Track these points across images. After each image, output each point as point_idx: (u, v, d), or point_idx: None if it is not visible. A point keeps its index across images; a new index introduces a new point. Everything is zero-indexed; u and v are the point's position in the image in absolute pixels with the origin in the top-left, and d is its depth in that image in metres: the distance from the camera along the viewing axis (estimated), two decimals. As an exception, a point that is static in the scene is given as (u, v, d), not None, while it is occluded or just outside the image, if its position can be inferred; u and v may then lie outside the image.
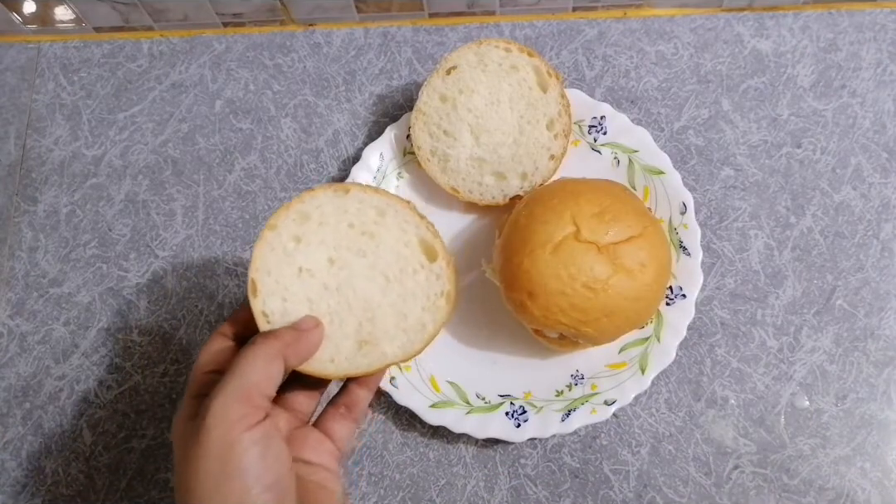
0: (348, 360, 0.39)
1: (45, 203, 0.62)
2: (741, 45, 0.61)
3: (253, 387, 0.33)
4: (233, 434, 0.32)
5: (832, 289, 0.54)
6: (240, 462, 0.31)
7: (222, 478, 0.31)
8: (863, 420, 0.51)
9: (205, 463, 0.32)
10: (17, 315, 0.59)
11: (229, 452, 0.32)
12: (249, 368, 0.34)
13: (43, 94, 0.65)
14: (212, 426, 0.32)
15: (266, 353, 0.34)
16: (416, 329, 0.39)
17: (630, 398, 0.49)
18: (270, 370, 0.34)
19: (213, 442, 0.32)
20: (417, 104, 0.55)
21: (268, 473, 0.32)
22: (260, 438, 0.32)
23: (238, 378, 0.33)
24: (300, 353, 0.36)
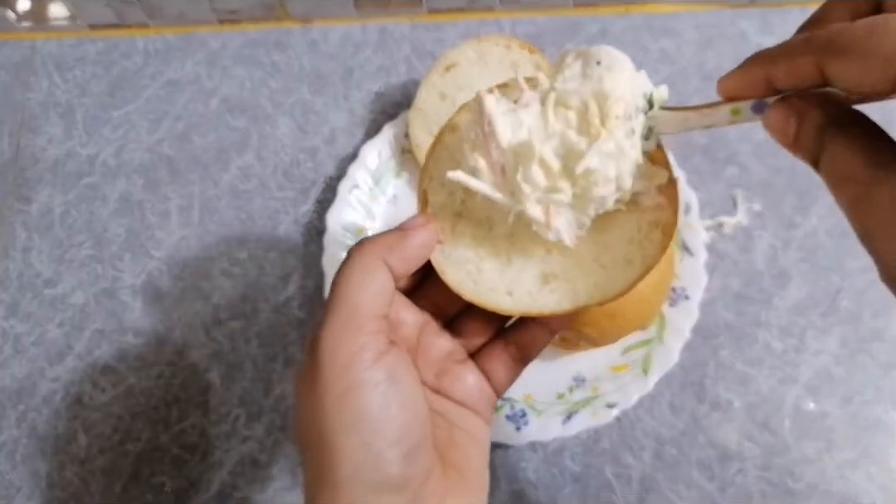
0: (530, 294, 0.31)
1: (39, 203, 0.61)
2: (745, 42, 0.60)
3: (360, 309, 0.27)
4: (350, 376, 0.26)
5: (838, 290, 0.53)
6: (357, 411, 0.26)
7: (340, 431, 0.26)
8: (869, 423, 0.50)
9: (319, 414, 0.26)
10: (11, 316, 0.58)
11: (345, 398, 0.26)
12: (349, 286, 0.27)
13: (37, 92, 0.65)
14: (324, 366, 0.26)
15: (363, 263, 0.28)
16: (619, 265, 0.31)
17: (632, 401, 0.49)
18: (373, 282, 0.28)
19: (327, 386, 0.26)
20: (416, 102, 0.54)
21: (393, 424, 0.26)
22: (384, 379, 0.26)
23: (340, 302, 0.27)
24: (407, 256, 0.29)
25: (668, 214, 0.30)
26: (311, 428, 0.26)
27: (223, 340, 0.56)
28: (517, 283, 0.31)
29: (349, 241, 0.55)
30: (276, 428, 0.53)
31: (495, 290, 0.31)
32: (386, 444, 0.26)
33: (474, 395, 0.32)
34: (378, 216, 0.56)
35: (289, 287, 0.57)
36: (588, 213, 0.30)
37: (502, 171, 0.29)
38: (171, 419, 0.54)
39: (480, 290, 0.31)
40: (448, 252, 0.31)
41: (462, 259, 0.31)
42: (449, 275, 0.31)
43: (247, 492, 0.52)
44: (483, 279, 0.31)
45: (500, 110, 0.29)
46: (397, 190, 0.57)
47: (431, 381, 0.32)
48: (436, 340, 0.33)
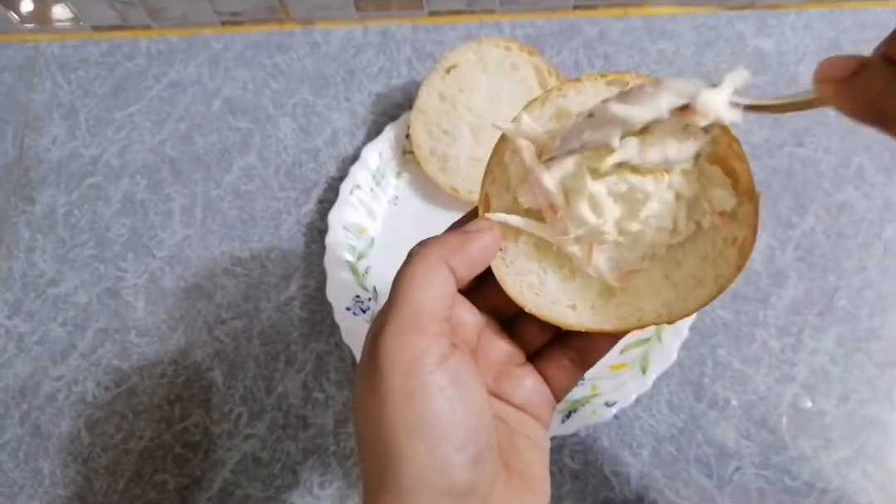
0: (595, 310, 0.30)
1: (43, 203, 0.61)
2: (743, 44, 0.61)
3: (423, 312, 0.26)
4: (414, 380, 0.25)
5: (834, 289, 0.54)
6: (422, 415, 0.25)
7: (404, 436, 0.25)
8: (865, 421, 0.51)
9: (382, 419, 0.25)
10: (15, 315, 0.58)
11: (409, 402, 0.25)
12: (411, 288, 0.27)
13: (40, 93, 0.65)
14: (386, 370, 0.25)
15: (425, 265, 0.27)
16: (690, 284, 0.29)
17: (631, 399, 0.49)
18: (436, 285, 0.27)
19: (389, 391, 0.25)
20: (417, 103, 0.55)
21: (459, 429, 0.25)
22: (448, 383, 0.25)
23: (402, 303, 0.26)
24: (470, 259, 0.28)
25: (745, 232, 0.28)
26: (373, 432, 0.26)
27: (225, 339, 0.56)
28: (581, 297, 0.30)
29: (350, 240, 0.55)
30: (277, 426, 0.53)
31: (557, 304, 0.30)
32: (452, 450, 0.25)
33: (534, 400, 0.31)
34: (379, 217, 0.57)
35: (291, 286, 0.57)
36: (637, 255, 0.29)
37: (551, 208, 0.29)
38: (174, 418, 0.54)
39: (542, 302, 0.30)
40: (510, 260, 0.30)
41: (524, 269, 0.30)
42: (510, 285, 0.30)
43: (249, 490, 0.52)
44: (545, 291, 0.30)
45: None
46: (398, 191, 0.57)
47: (490, 385, 0.31)
48: (495, 343, 0.32)
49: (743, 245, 0.28)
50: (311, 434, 0.53)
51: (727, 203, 0.28)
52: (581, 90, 0.30)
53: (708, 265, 0.29)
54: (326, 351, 0.55)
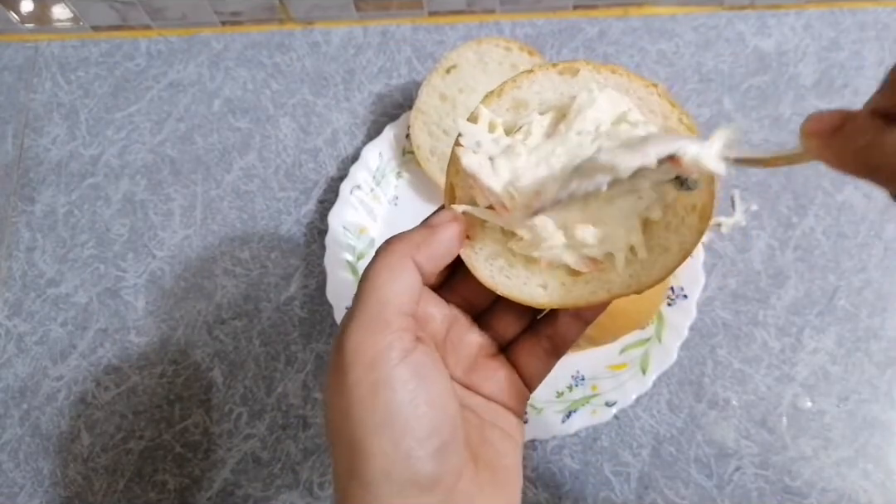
0: (564, 286, 0.30)
1: (43, 203, 0.61)
2: (743, 44, 0.61)
3: (386, 307, 0.27)
4: (377, 374, 0.26)
5: (834, 289, 0.54)
6: (385, 409, 0.25)
7: (369, 429, 0.25)
8: (865, 421, 0.51)
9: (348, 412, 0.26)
10: (15, 315, 0.58)
11: (373, 396, 0.25)
12: (376, 284, 0.27)
13: (40, 93, 0.65)
14: (350, 364, 0.26)
15: (390, 261, 0.28)
16: (656, 252, 0.29)
17: (631, 399, 0.49)
18: (400, 280, 0.27)
19: (354, 384, 0.26)
20: (417, 103, 0.55)
21: (422, 421, 0.26)
22: (411, 377, 0.26)
23: (366, 299, 0.27)
24: (435, 253, 0.29)
25: (705, 197, 0.29)
26: (339, 426, 0.26)
27: (225, 339, 0.56)
28: (550, 276, 0.30)
29: (350, 240, 0.55)
30: (277, 426, 0.53)
31: (528, 284, 0.30)
32: (416, 443, 0.25)
33: (506, 391, 0.32)
34: (379, 216, 0.57)
35: (291, 286, 0.57)
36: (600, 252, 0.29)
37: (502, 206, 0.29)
38: (174, 418, 0.54)
39: (512, 284, 0.30)
40: (478, 247, 0.31)
41: (493, 253, 0.30)
42: (480, 270, 0.30)
43: (249, 490, 0.52)
44: (515, 273, 0.30)
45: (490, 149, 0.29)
46: (398, 191, 0.57)
47: (461, 377, 0.31)
48: (465, 335, 0.32)
49: (703, 210, 0.29)
50: (311, 434, 0.53)
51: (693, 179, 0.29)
52: (534, 80, 0.31)
53: (671, 233, 0.29)
54: (326, 351, 0.55)
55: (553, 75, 0.31)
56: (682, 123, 0.30)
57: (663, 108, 0.31)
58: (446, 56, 0.55)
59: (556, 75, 0.31)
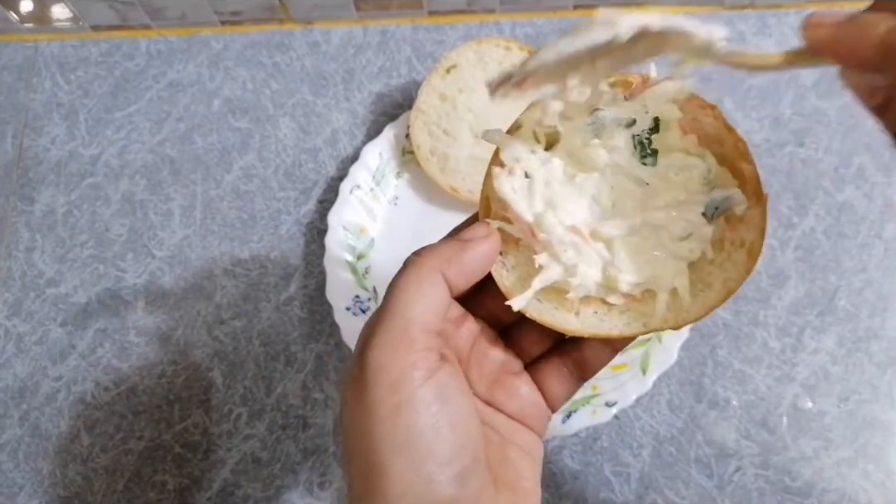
0: (598, 315, 0.29)
1: (42, 203, 0.61)
2: (743, 44, 0.60)
3: (412, 325, 0.26)
4: (400, 394, 0.25)
5: (835, 289, 0.54)
6: (407, 431, 0.25)
7: (389, 451, 0.25)
8: (866, 422, 0.51)
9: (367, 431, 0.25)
10: (14, 316, 0.58)
11: (395, 417, 0.25)
12: (402, 299, 0.26)
13: (40, 93, 0.65)
14: (373, 383, 0.25)
15: (419, 275, 0.27)
16: (697, 288, 0.28)
17: (631, 400, 0.49)
18: (428, 296, 0.26)
19: (375, 403, 0.25)
20: (417, 103, 0.55)
21: (444, 445, 0.25)
22: (434, 399, 0.25)
23: (392, 315, 0.26)
24: (466, 268, 0.27)
25: (753, 235, 0.27)
26: (357, 444, 0.26)
27: (225, 339, 0.56)
28: (584, 303, 0.29)
29: (350, 240, 0.55)
30: (277, 426, 0.53)
31: (560, 309, 0.29)
32: (437, 467, 0.25)
33: (528, 410, 0.31)
34: (379, 216, 0.57)
35: (290, 287, 0.57)
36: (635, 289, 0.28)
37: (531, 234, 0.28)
38: (174, 418, 0.54)
39: (544, 308, 0.29)
40: (510, 265, 0.29)
41: (525, 274, 0.29)
42: (510, 290, 0.29)
43: (248, 490, 0.52)
44: (547, 297, 0.29)
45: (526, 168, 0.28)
46: (398, 191, 0.57)
47: (484, 394, 0.31)
48: (490, 351, 0.31)
49: (752, 248, 0.27)
50: (310, 434, 0.53)
51: (740, 206, 0.27)
52: None
53: (716, 268, 0.28)
54: (326, 351, 0.55)
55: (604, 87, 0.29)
56: (738, 150, 0.28)
57: (719, 131, 0.28)
58: (446, 56, 0.55)
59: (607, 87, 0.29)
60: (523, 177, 0.28)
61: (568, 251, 0.28)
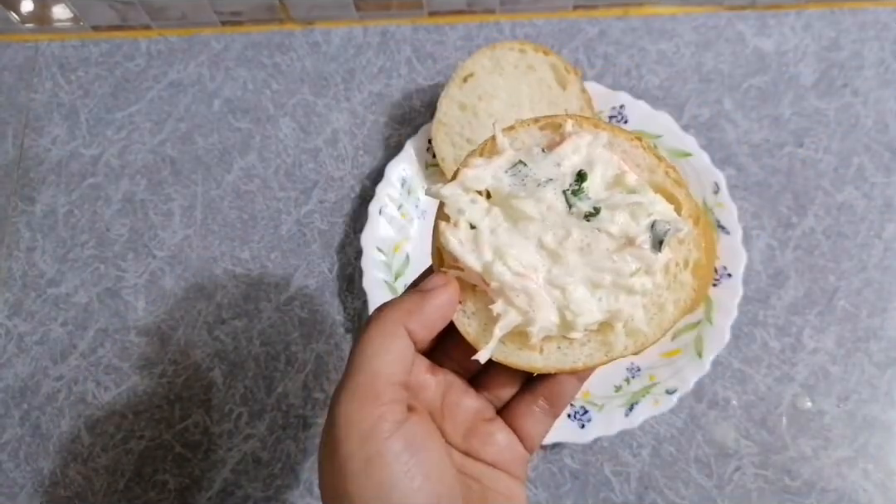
0: (561, 349, 0.30)
1: (43, 203, 0.61)
2: (743, 44, 0.61)
3: (378, 378, 0.26)
4: (370, 447, 0.25)
5: (834, 289, 0.54)
6: (380, 483, 0.25)
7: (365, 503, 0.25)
8: (865, 421, 0.51)
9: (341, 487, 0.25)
10: (15, 315, 0.58)
11: (367, 470, 0.25)
12: (366, 354, 0.27)
13: (41, 93, 0.65)
14: (342, 438, 0.26)
15: (382, 329, 0.27)
16: (651, 311, 0.29)
17: (691, 385, 0.49)
18: (392, 350, 0.27)
19: (346, 458, 0.25)
20: (437, 115, 0.55)
21: (418, 495, 0.25)
22: (403, 448, 0.26)
23: (357, 371, 0.27)
24: (428, 319, 0.28)
25: (696, 253, 0.29)
26: (335, 498, 0.26)
27: (226, 339, 0.56)
28: (546, 340, 0.30)
29: (385, 258, 0.55)
30: (277, 426, 0.53)
31: (524, 349, 0.29)
32: None
33: (506, 456, 0.31)
34: (410, 232, 0.56)
35: (291, 287, 0.57)
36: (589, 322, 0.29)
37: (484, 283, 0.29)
38: (174, 418, 0.55)
39: (508, 349, 0.30)
40: (470, 311, 0.30)
41: (486, 319, 0.29)
42: (474, 336, 0.30)
43: (249, 489, 0.52)
44: (510, 338, 0.30)
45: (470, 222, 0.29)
46: (426, 205, 0.57)
47: (460, 443, 0.31)
48: (461, 400, 0.32)
49: (696, 266, 0.29)
50: (311, 434, 0.53)
51: (682, 231, 0.28)
52: (516, 136, 0.31)
53: (664, 291, 0.29)
54: (326, 351, 0.55)
55: (534, 131, 0.31)
56: (669, 177, 0.30)
57: (649, 161, 0.30)
58: (461, 65, 0.55)
59: (537, 131, 0.31)
60: (468, 227, 0.29)
61: (520, 297, 0.28)
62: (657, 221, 0.28)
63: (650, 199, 0.29)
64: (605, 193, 0.29)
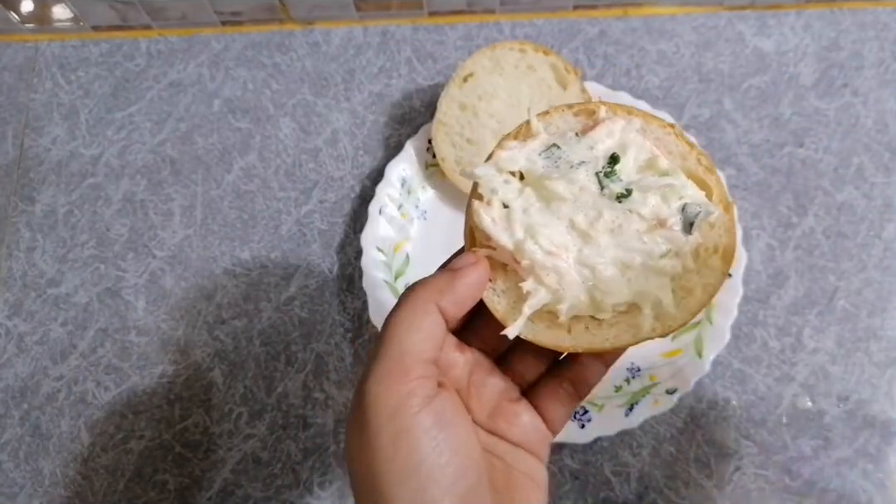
0: (589, 329, 0.30)
1: (43, 203, 0.62)
2: (743, 44, 0.61)
3: (407, 355, 0.27)
4: (399, 422, 0.26)
5: (834, 289, 0.54)
6: (408, 458, 0.25)
7: (392, 479, 0.25)
8: (865, 421, 0.51)
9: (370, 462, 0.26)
10: (15, 315, 0.58)
11: (395, 445, 0.25)
12: (398, 332, 0.27)
13: (41, 93, 0.65)
14: (371, 413, 0.26)
15: (413, 307, 0.28)
16: (679, 295, 0.29)
17: (691, 385, 0.49)
18: (423, 327, 0.27)
19: (375, 434, 0.26)
20: (437, 115, 0.55)
21: (446, 469, 0.26)
22: (433, 424, 0.26)
23: (388, 347, 0.27)
24: (459, 297, 0.28)
25: (726, 239, 0.29)
26: (362, 474, 0.26)
27: (226, 339, 0.56)
28: (574, 319, 0.30)
29: (385, 259, 0.55)
30: (278, 426, 0.53)
31: (552, 328, 0.30)
32: (440, 491, 0.25)
33: (530, 436, 0.31)
34: (411, 232, 0.56)
35: (291, 287, 0.57)
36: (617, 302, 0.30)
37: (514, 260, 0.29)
38: (174, 417, 0.55)
39: (538, 328, 0.30)
40: (500, 289, 0.30)
41: (516, 298, 0.30)
42: (503, 314, 0.30)
43: (249, 489, 0.52)
44: (539, 317, 0.30)
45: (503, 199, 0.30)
46: (426, 204, 0.57)
47: (485, 422, 0.31)
48: (488, 380, 0.32)
49: (724, 252, 0.29)
50: (311, 434, 0.53)
51: (713, 215, 0.29)
52: (551, 121, 0.31)
53: (694, 275, 0.30)
54: (326, 351, 0.55)
55: (569, 116, 0.31)
56: (701, 164, 0.30)
57: (681, 148, 0.31)
58: (461, 65, 0.55)
59: (571, 116, 0.31)
60: (501, 207, 0.30)
61: (550, 275, 0.29)
62: (688, 204, 0.29)
63: (682, 183, 0.29)
64: (636, 176, 0.30)
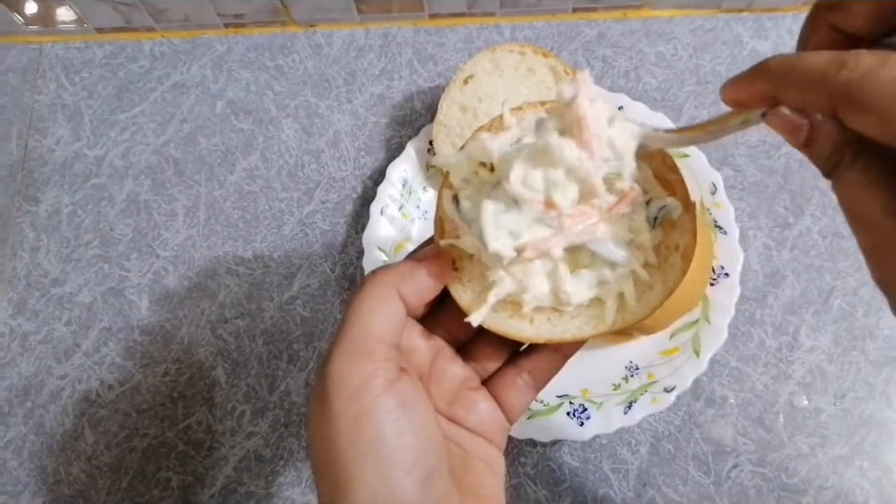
0: (551, 321, 0.30)
1: (47, 203, 0.62)
2: (740, 46, 0.61)
3: (370, 336, 0.27)
4: (361, 403, 0.26)
5: (831, 288, 0.54)
6: (370, 439, 0.25)
7: (353, 459, 0.25)
8: (861, 419, 0.51)
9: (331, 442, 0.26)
10: (19, 315, 0.59)
11: (357, 426, 0.25)
12: (360, 314, 0.27)
13: (45, 94, 0.66)
14: (333, 394, 0.26)
15: (375, 291, 0.28)
16: (640, 290, 0.30)
17: (689, 383, 0.49)
18: (385, 310, 0.28)
19: (337, 414, 0.26)
20: (438, 116, 0.55)
21: (407, 451, 0.26)
22: (395, 406, 0.26)
23: (350, 329, 0.27)
24: (420, 285, 0.29)
25: (687, 238, 0.29)
26: (324, 455, 0.26)
27: (229, 338, 0.57)
28: (536, 311, 0.30)
29: (386, 259, 0.55)
30: (280, 424, 0.54)
31: (515, 318, 0.30)
32: (401, 472, 0.25)
33: (488, 424, 0.32)
34: (412, 232, 0.56)
35: (293, 286, 0.58)
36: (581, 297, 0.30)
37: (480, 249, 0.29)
38: (177, 416, 0.55)
39: (500, 317, 0.30)
40: (466, 279, 0.31)
41: (481, 288, 0.30)
42: (466, 303, 0.30)
43: (252, 487, 0.53)
44: (502, 307, 0.30)
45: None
46: (427, 205, 0.57)
47: (445, 409, 0.32)
48: (449, 367, 0.32)
49: (685, 251, 0.30)
50: (313, 432, 0.54)
51: (676, 212, 0.29)
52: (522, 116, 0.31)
53: (655, 271, 0.30)
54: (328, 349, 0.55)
55: (540, 112, 0.31)
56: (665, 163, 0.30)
57: None
58: (462, 67, 0.55)
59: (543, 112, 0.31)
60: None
61: (515, 265, 0.29)
62: (652, 200, 0.29)
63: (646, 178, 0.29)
64: None
